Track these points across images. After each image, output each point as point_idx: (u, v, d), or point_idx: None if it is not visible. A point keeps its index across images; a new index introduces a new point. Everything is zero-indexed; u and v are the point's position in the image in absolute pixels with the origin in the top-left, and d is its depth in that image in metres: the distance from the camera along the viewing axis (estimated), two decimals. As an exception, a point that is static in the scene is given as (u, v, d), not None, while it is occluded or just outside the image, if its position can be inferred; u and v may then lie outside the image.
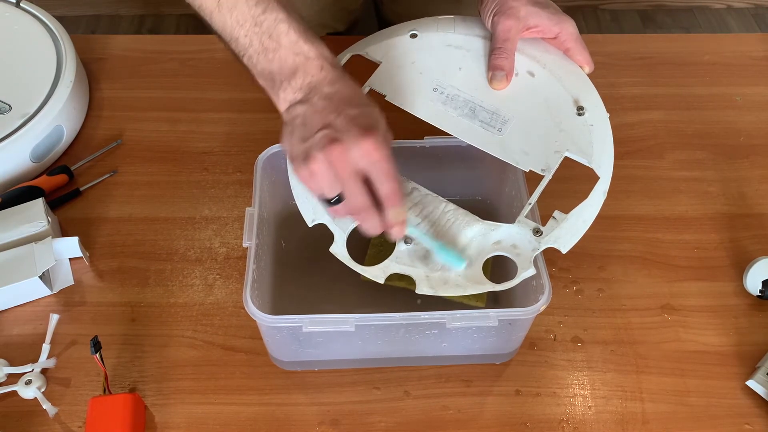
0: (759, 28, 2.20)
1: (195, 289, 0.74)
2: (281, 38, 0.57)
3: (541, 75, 0.67)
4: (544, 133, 0.64)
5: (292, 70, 0.58)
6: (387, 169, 0.55)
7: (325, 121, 0.55)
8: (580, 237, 0.60)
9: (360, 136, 0.54)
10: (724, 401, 0.67)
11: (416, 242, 0.61)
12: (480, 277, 0.60)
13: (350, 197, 0.57)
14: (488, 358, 0.69)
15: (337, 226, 0.62)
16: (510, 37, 0.66)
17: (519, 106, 0.66)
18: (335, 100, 0.56)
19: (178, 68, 0.96)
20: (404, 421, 0.66)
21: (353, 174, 0.55)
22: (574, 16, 0.69)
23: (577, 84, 0.67)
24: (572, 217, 0.61)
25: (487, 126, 0.65)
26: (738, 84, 0.95)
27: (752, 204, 0.82)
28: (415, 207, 0.63)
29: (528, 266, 0.60)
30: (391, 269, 0.60)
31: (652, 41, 1.01)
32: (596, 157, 0.63)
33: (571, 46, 0.67)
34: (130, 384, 0.68)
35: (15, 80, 0.86)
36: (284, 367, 0.69)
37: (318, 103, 0.57)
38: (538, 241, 0.60)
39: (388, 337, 0.65)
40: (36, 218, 0.74)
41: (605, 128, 0.64)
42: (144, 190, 0.83)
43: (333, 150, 0.54)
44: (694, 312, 0.73)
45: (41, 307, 0.73)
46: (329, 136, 0.54)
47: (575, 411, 0.67)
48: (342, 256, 0.61)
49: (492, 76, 0.66)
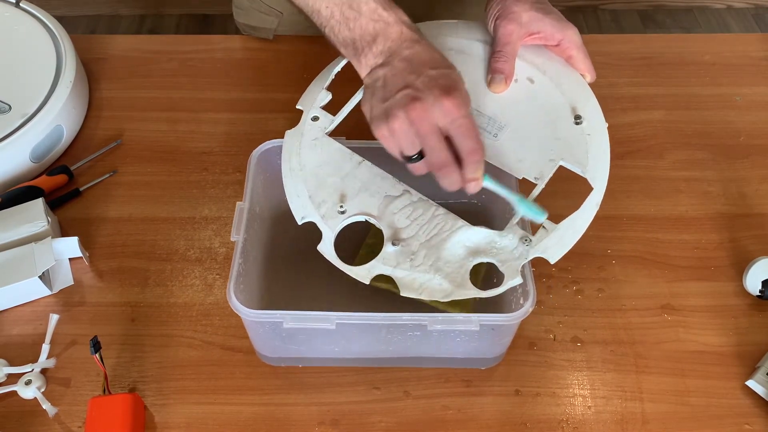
0: (759, 28, 2.20)
1: (195, 289, 0.74)
2: (361, 7, 0.61)
3: (541, 82, 0.67)
4: (540, 140, 0.64)
5: (372, 36, 0.61)
6: (468, 125, 0.58)
7: (406, 82, 0.58)
8: (569, 248, 0.60)
9: (441, 96, 0.57)
10: (724, 401, 0.67)
11: (404, 244, 0.61)
12: (465, 283, 0.59)
13: (431, 153, 0.58)
14: (473, 362, 0.69)
15: (326, 225, 0.62)
16: (511, 41, 0.66)
17: (516, 113, 0.65)
18: (415, 62, 0.59)
19: (178, 68, 0.96)
20: (404, 421, 0.66)
21: (434, 131, 0.57)
22: (574, 16, 0.69)
23: (577, 92, 0.66)
24: (562, 227, 0.60)
25: (483, 131, 0.65)
26: (738, 84, 0.94)
27: (752, 204, 0.82)
28: (405, 209, 0.63)
29: (515, 275, 0.59)
30: (377, 270, 0.60)
31: (652, 41, 1.01)
32: (591, 167, 0.62)
33: (574, 54, 0.67)
34: (129, 384, 0.68)
35: (15, 80, 0.86)
36: (269, 362, 0.69)
37: (398, 65, 0.60)
38: (526, 250, 0.60)
39: (371, 337, 0.65)
40: (36, 218, 0.74)
41: (602, 138, 0.64)
42: (144, 190, 0.83)
43: (414, 108, 0.57)
44: (694, 312, 0.73)
45: (41, 307, 0.73)
46: (410, 95, 0.57)
47: (575, 411, 0.67)
48: (329, 255, 0.61)
49: (491, 78, 0.66)
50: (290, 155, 0.66)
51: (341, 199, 0.64)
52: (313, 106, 0.68)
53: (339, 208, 0.63)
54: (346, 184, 0.64)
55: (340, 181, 0.64)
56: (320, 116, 0.68)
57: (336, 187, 0.64)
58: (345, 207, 0.63)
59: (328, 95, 0.69)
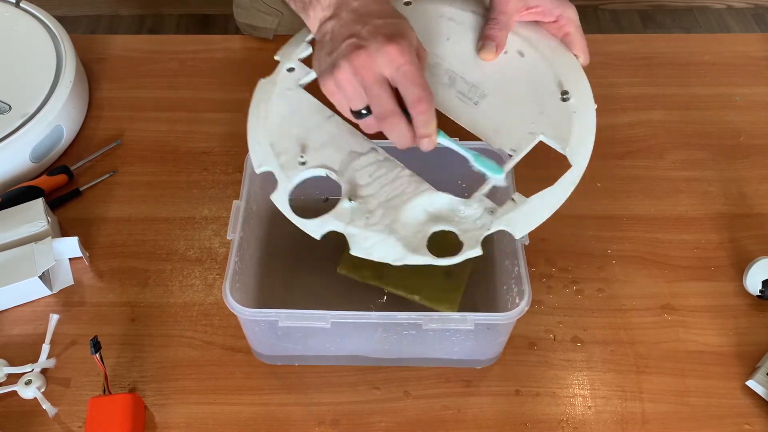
0: (759, 28, 2.20)
1: (195, 289, 0.74)
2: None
3: (531, 56, 0.65)
4: (522, 113, 0.62)
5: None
6: (413, 73, 0.55)
7: (351, 31, 0.57)
8: (537, 224, 0.57)
9: (385, 43, 0.55)
10: (724, 401, 0.67)
11: (362, 201, 0.58)
12: (421, 249, 0.57)
13: (375, 103, 0.56)
14: (469, 362, 0.69)
15: (284, 174, 0.60)
16: (507, 11, 0.64)
17: (501, 83, 0.63)
18: (362, 12, 0.58)
19: (178, 68, 0.96)
20: (404, 421, 0.66)
21: (378, 80, 0.55)
22: (574, 16, 0.68)
23: (568, 69, 0.64)
24: (532, 201, 0.58)
25: (463, 97, 0.63)
26: (738, 84, 0.94)
27: (752, 204, 0.82)
28: (369, 167, 0.60)
29: (474, 245, 0.56)
30: (329, 225, 0.58)
31: (652, 41, 1.01)
32: (572, 145, 0.60)
33: (571, 32, 0.65)
34: (129, 384, 0.68)
35: (15, 80, 0.85)
36: (265, 360, 0.69)
37: (345, 16, 0.58)
38: (490, 221, 0.57)
39: (367, 336, 0.65)
40: (36, 218, 0.74)
41: (589, 118, 0.61)
42: (144, 190, 0.83)
43: (358, 56, 0.55)
44: (694, 312, 0.73)
45: (41, 307, 0.73)
46: (354, 44, 0.55)
47: (575, 411, 0.67)
48: (281, 205, 0.59)
49: (482, 45, 0.64)
50: (259, 103, 0.64)
51: (303, 149, 0.61)
52: (291, 58, 0.66)
53: (300, 158, 0.60)
54: (311, 136, 0.62)
55: (306, 132, 0.62)
56: (296, 68, 0.65)
57: (300, 137, 0.61)
58: (306, 158, 0.60)
59: (309, 48, 0.65)
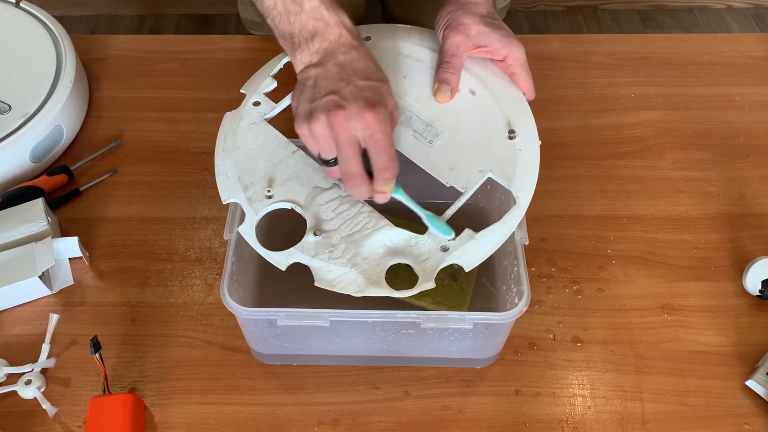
0: (759, 28, 2.20)
1: (195, 289, 0.74)
2: (304, 3, 0.61)
3: (482, 94, 0.68)
4: (472, 151, 0.64)
5: (311, 34, 0.61)
6: (384, 142, 0.58)
7: (334, 87, 0.58)
8: (484, 258, 0.60)
9: (364, 108, 0.57)
10: (723, 401, 0.67)
11: (326, 235, 0.61)
12: (380, 281, 0.59)
13: (344, 163, 0.59)
14: (468, 362, 0.69)
15: (250, 207, 0.62)
16: (458, 53, 0.67)
17: (453, 122, 0.66)
18: (347, 69, 0.59)
19: (178, 68, 0.96)
20: (404, 421, 0.66)
21: (351, 142, 0.58)
22: (574, 16, 0.69)
23: (515, 109, 0.67)
24: (480, 237, 0.61)
25: (419, 136, 0.65)
26: (738, 84, 0.94)
27: (752, 204, 0.82)
28: (331, 202, 0.63)
29: (429, 279, 0.59)
30: (294, 257, 0.60)
31: (652, 41, 1.01)
32: (517, 182, 0.63)
33: (517, 71, 0.68)
34: (129, 384, 0.68)
35: (15, 80, 0.86)
36: (263, 360, 0.69)
37: (331, 68, 0.60)
38: (442, 256, 0.60)
39: (365, 335, 0.65)
40: (36, 218, 0.74)
41: (533, 156, 0.64)
42: (144, 190, 0.83)
43: (336, 115, 0.57)
44: (694, 312, 0.73)
45: (41, 307, 0.73)
46: (335, 101, 0.57)
47: (575, 411, 0.67)
48: (248, 238, 0.61)
49: (437, 88, 0.67)
50: (225, 135, 0.66)
51: (270, 183, 0.63)
52: (257, 92, 0.68)
53: (267, 192, 0.63)
54: (277, 170, 0.64)
55: (272, 166, 0.64)
56: (262, 102, 0.68)
57: (266, 171, 0.64)
58: (272, 192, 0.63)
59: (274, 83, 0.69)
